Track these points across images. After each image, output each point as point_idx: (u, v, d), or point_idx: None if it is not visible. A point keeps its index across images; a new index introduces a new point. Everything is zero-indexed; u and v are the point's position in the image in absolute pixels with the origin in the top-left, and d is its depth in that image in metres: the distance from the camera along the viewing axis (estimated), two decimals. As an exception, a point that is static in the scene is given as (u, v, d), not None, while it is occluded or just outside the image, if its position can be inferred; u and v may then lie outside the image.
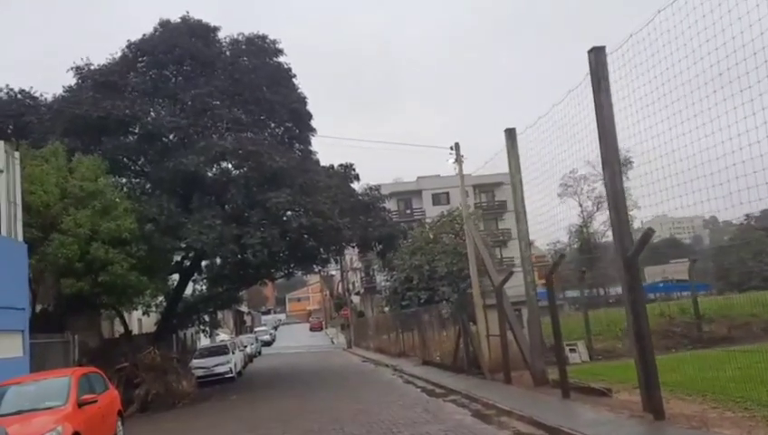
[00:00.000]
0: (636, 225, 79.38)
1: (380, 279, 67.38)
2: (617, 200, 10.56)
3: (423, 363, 25.71)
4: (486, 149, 19.87)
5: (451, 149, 20.16)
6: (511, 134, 15.36)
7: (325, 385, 22.90)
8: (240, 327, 77.52)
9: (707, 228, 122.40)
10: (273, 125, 27.76)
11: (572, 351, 19.78)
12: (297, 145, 28.55)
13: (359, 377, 24.96)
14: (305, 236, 27.29)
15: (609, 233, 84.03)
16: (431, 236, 50.22)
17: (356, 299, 78.92)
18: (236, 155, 23.00)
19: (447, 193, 70.87)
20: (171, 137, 25.68)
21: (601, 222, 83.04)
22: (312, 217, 22.69)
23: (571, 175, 74.66)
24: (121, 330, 33.31)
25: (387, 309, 56.47)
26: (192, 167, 22.10)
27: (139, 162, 27.60)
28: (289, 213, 24.45)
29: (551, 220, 15.93)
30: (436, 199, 71.95)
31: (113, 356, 21.98)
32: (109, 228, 19.75)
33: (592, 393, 12.56)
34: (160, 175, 23.89)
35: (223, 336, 49.17)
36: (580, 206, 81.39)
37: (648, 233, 9.76)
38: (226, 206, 24.64)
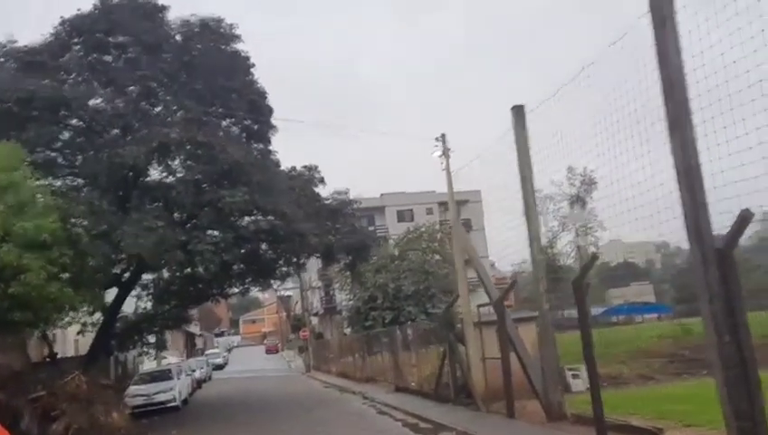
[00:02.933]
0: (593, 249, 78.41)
1: (341, 299, 64.20)
2: (691, 177, 7.81)
3: (396, 390, 22.68)
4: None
5: (437, 139, 17.42)
6: (519, 113, 12.64)
7: (285, 417, 19.62)
8: (191, 350, 72.95)
9: (659, 253, 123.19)
10: (227, 122, 24.59)
11: (575, 377, 17.08)
12: (255, 145, 25.41)
13: (324, 407, 21.69)
14: (263, 244, 24.20)
15: (574, 254, 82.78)
16: (396, 254, 47.37)
17: (314, 320, 75.31)
18: (184, 147, 19.72)
19: (412, 210, 68.43)
20: (109, 127, 22.31)
21: (566, 242, 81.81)
22: (273, 220, 19.55)
23: (537, 194, 73.33)
24: (59, 351, 29.52)
25: (348, 330, 53.30)
26: (131, 159, 18.77)
27: (77, 162, 24.04)
28: (247, 219, 21.32)
29: (514, 239, 14.50)
30: (401, 216, 69.26)
31: (31, 383, 18.34)
32: (24, 229, 16.22)
33: (637, 433, 9.76)
34: (94, 169, 20.46)
35: (171, 359, 45.04)
36: (545, 226, 79.96)
37: (746, 216, 7.04)
38: (174, 208, 21.34)
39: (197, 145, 19.45)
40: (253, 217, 20.71)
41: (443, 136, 17.40)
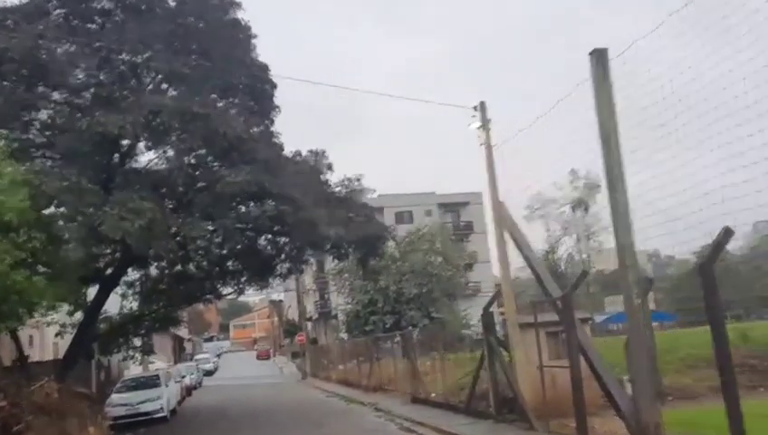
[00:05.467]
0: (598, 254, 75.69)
1: (337, 303, 61.57)
2: None
3: (413, 401, 20.04)
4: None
5: (475, 109, 14.86)
6: (600, 58, 10.11)
7: (291, 432, 16.98)
8: (179, 354, 70.04)
9: (650, 262, 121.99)
10: (222, 103, 21.89)
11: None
12: (256, 129, 22.75)
13: (334, 420, 18.99)
14: (264, 236, 21.70)
15: (577, 258, 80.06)
16: (397, 255, 44.89)
17: (308, 325, 72.67)
18: (177, 118, 16.99)
19: (411, 212, 66.15)
20: (92, 103, 19.64)
21: (569, 246, 79.24)
22: (279, 204, 16.94)
23: (539, 197, 71.00)
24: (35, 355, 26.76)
25: (345, 335, 50.81)
26: (115, 129, 16.03)
27: (55, 142, 21.32)
28: (251, 204, 18.74)
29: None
30: (399, 218, 66.83)
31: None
32: (-16, 206, 13.61)
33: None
34: (72, 145, 17.73)
35: (159, 364, 42.29)
36: (548, 230, 77.47)
37: None
38: (165, 190, 18.73)
39: (193, 117, 16.76)
40: (256, 202, 18.05)
41: (482, 105, 14.87)
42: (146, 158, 21.66)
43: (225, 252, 21.54)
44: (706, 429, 10.16)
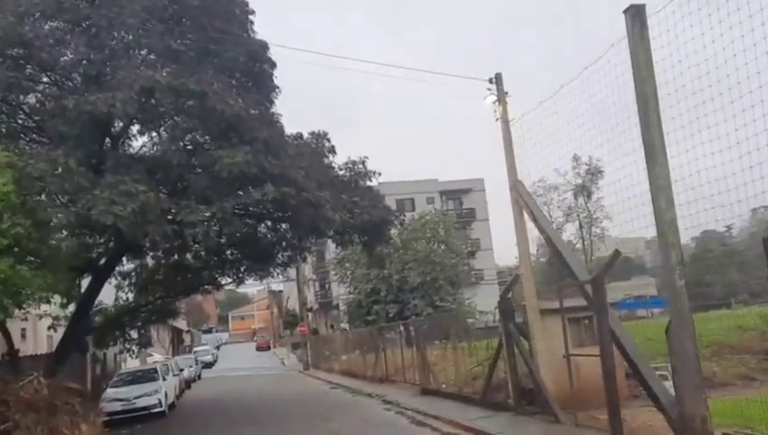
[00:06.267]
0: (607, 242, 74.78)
1: (338, 292, 60.72)
2: None
3: (423, 393, 19.18)
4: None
5: (490, 81, 13.89)
6: (637, 15, 9.16)
7: (296, 427, 16.09)
8: (178, 347, 69.24)
9: (648, 249, 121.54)
10: (216, 85, 20.85)
11: (663, 378, 13.65)
12: (253, 111, 21.70)
13: (340, 413, 18.08)
14: (264, 222, 20.77)
15: (579, 245, 79.47)
16: (400, 243, 43.97)
17: (309, 316, 71.96)
18: (172, 95, 15.92)
19: (413, 199, 65.15)
20: (82, 83, 18.61)
21: (571, 233, 78.51)
22: (281, 186, 15.94)
23: (541, 184, 70.16)
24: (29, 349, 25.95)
25: (347, 325, 50.10)
26: (104, 108, 15.00)
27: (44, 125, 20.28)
28: (251, 189, 17.74)
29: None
30: (401, 205, 65.93)
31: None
32: (-36, 190, 12.65)
33: None
34: (61, 129, 16.67)
35: (157, 357, 41.49)
36: (550, 216, 76.64)
37: None
38: (159, 173, 17.71)
39: (188, 94, 15.73)
40: (258, 186, 17.02)
41: (498, 77, 13.89)
42: (139, 143, 20.83)
43: (223, 240, 20.54)
44: (753, 421, 9.28)
